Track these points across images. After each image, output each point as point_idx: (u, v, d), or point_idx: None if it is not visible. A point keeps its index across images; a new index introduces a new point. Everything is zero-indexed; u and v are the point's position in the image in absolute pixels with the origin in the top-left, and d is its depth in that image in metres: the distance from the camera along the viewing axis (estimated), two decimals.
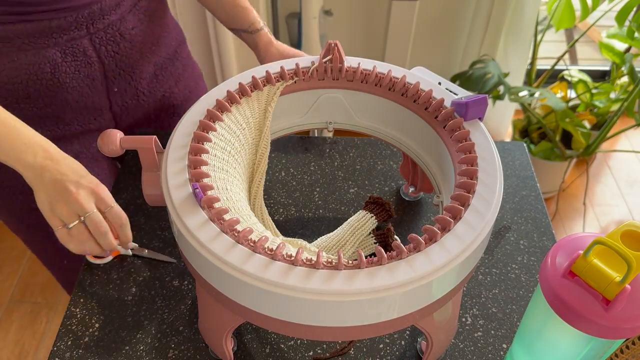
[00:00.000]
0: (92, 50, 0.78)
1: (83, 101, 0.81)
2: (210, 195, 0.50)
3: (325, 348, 0.64)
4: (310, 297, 0.44)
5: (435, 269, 0.45)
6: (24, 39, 0.72)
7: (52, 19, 0.72)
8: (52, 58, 0.75)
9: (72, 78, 0.78)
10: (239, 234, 0.47)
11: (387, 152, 0.87)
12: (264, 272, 0.44)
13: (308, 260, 0.46)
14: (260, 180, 0.64)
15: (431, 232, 0.48)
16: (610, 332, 0.43)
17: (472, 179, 0.52)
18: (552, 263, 0.46)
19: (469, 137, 0.56)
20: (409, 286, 0.44)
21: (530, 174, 0.84)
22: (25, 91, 0.75)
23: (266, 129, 0.63)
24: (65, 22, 0.73)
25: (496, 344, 0.64)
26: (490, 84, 1.61)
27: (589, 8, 1.59)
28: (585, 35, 1.80)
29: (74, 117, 0.81)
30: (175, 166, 0.53)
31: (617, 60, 1.73)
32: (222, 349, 0.58)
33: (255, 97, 0.63)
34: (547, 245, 0.74)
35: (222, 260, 0.46)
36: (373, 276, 0.44)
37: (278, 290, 0.44)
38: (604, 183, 2.01)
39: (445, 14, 1.83)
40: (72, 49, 0.76)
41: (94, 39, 0.77)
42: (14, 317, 1.61)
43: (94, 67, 0.79)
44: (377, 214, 0.72)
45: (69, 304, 0.68)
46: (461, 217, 0.49)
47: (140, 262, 0.72)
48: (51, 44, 0.74)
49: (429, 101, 0.60)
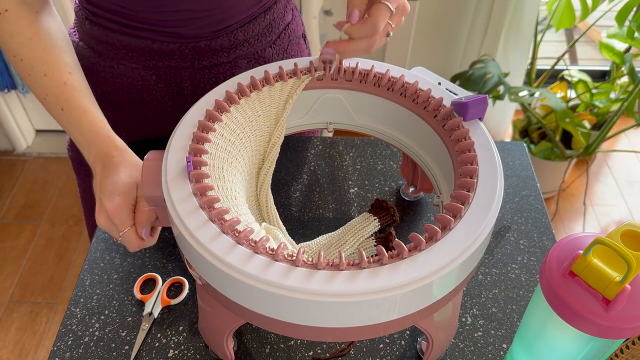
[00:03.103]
0: (188, 84, 0.77)
1: (170, 121, 0.81)
2: (211, 196, 0.50)
3: (325, 348, 0.64)
4: (311, 298, 0.44)
5: (436, 269, 0.45)
6: (127, 51, 0.74)
7: (154, 40, 0.73)
8: (145, 78, 0.76)
9: (159, 101, 0.79)
10: (240, 234, 0.47)
11: (387, 152, 0.87)
12: (266, 273, 0.44)
13: (309, 261, 0.46)
14: (269, 167, 0.64)
15: (432, 231, 0.48)
16: (610, 332, 0.43)
17: (472, 178, 0.52)
18: (552, 263, 0.46)
19: (468, 135, 0.56)
20: (409, 287, 0.44)
21: (530, 174, 0.84)
22: (115, 98, 0.77)
23: (283, 119, 0.64)
24: (168, 49, 0.73)
25: (496, 344, 0.64)
26: (490, 84, 1.61)
27: (589, 8, 1.59)
28: (585, 35, 1.80)
29: (159, 133, 0.82)
30: (175, 165, 0.53)
31: (617, 60, 1.73)
32: (222, 349, 0.58)
33: (279, 87, 0.63)
34: (547, 245, 0.74)
35: (222, 261, 0.46)
36: (374, 276, 0.44)
37: (279, 292, 0.44)
38: (604, 183, 2.01)
39: (445, 14, 1.83)
40: (168, 77, 0.76)
41: (196, 74, 0.77)
42: (14, 317, 1.61)
43: (186, 99, 0.79)
44: (380, 217, 0.72)
45: (69, 304, 0.68)
46: (461, 217, 0.49)
47: (140, 262, 0.72)
48: (150, 65, 0.75)
49: (428, 100, 0.60)
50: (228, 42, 0.75)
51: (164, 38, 0.73)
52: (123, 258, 0.72)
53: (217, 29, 0.74)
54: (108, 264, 0.71)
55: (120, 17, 0.71)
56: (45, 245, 1.80)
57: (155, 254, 0.73)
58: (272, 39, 0.80)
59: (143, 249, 0.73)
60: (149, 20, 0.71)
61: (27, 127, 2.09)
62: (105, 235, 0.74)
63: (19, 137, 2.06)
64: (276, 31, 0.80)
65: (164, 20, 0.71)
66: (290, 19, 0.83)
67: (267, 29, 0.79)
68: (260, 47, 0.79)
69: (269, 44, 0.80)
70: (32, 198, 1.94)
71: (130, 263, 0.72)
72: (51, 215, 1.89)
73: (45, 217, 1.88)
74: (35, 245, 1.80)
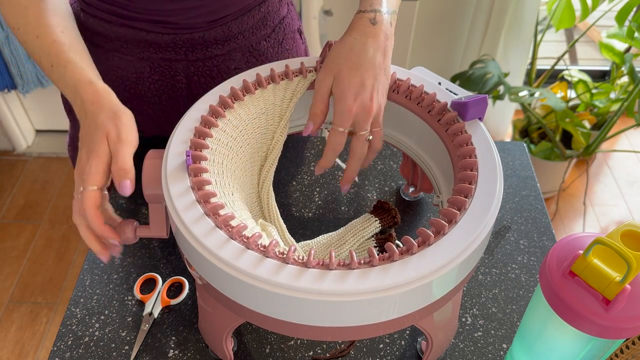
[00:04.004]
0: (183, 77, 0.78)
1: (164, 116, 0.82)
2: (208, 191, 0.50)
3: (325, 348, 0.64)
4: (301, 296, 0.44)
5: (436, 269, 0.45)
6: (122, 43, 0.74)
7: (149, 31, 0.73)
8: (139, 70, 0.76)
9: (153, 94, 0.79)
10: (233, 229, 0.47)
11: (387, 152, 0.87)
12: (257, 269, 0.44)
13: (321, 260, 0.46)
14: (272, 164, 0.64)
15: (438, 225, 0.48)
16: (610, 332, 0.43)
17: (471, 184, 0.52)
18: (552, 263, 0.46)
19: (470, 141, 0.56)
20: (409, 286, 0.44)
21: (530, 174, 0.84)
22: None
23: (286, 116, 0.64)
24: (162, 40, 0.73)
25: (496, 344, 0.64)
26: (490, 84, 1.61)
27: (589, 8, 1.59)
28: (585, 35, 1.80)
29: (154, 127, 0.83)
30: (176, 159, 0.53)
31: (617, 60, 1.73)
32: (222, 348, 0.58)
33: (284, 85, 0.63)
34: (547, 245, 0.74)
35: (216, 255, 0.46)
36: (384, 274, 0.44)
37: (270, 288, 0.44)
38: (603, 183, 2.01)
39: (445, 14, 1.82)
40: (162, 69, 0.76)
41: (190, 67, 0.77)
42: (14, 317, 1.61)
43: (180, 92, 0.79)
44: (382, 218, 0.72)
45: (69, 304, 0.68)
46: (461, 217, 0.49)
47: (140, 262, 0.72)
48: (144, 57, 0.75)
49: (433, 104, 0.60)
50: (222, 34, 0.75)
51: (159, 29, 0.73)
52: (123, 258, 0.72)
53: (212, 20, 0.74)
54: (108, 264, 0.71)
55: (116, 7, 0.71)
56: (45, 245, 1.80)
57: (155, 254, 0.73)
58: (267, 32, 0.80)
59: (142, 249, 0.73)
60: (143, 10, 0.71)
61: (27, 127, 2.09)
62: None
63: (19, 137, 2.06)
64: (271, 24, 0.80)
65: (159, 10, 0.71)
66: (285, 13, 0.83)
67: (262, 22, 0.79)
68: (254, 40, 0.79)
69: (263, 37, 0.80)
70: (32, 198, 1.94)
71: (130, 263, 0.72)
72: (51, 215, 1.89)
73: (45, 217, 1.88)
74: (35, 245, 1.80)
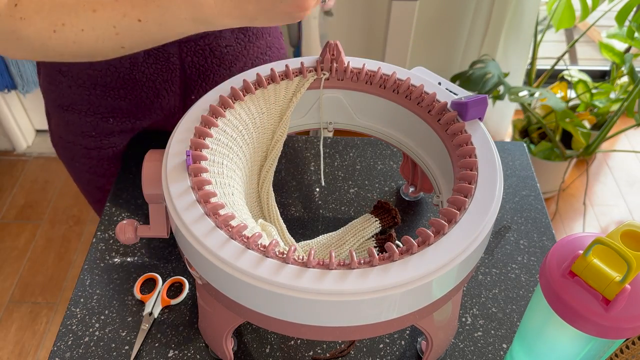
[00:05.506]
0: (176, 58, 0.78)
1: (158, 102, 0.82)
2: (208, 191, 0.50)
3: (325, 348, 0.64)
4: (301, 296, 0.44)
5: (436, 269, 0.45)
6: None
7: None
8: (133, 55, 0.76)
9: (148, 78, 0.79)
10: (233, 229, 0.47)
11: (387, 152, 0.87)
12: (257, 269, 0.44)
13: (322, 260, 0.46)
14: (272, 164, 0.64)
15: (437, 225, 0.48)
16: (610, 332, 0.43)
17: (471, 184, 0.52)
18: (552, 263, 0.46)
19: (470, 141, 0.56)
20: (409, 286, 0.44)
21: (530, 174, 0.84)
22: (103, 79, 0.77)
23: (287, 116, 0.64)
24: None
25: (496, 344, 0.64)
26: (490, 84, 1.61)
27: (589, 8, 1.59)
28: (585, 35, 1.80)
29: (148, 114, 0.83)
30: (176, 159, 0.53)
31: (617, 60, 1.73)
32: (222, 348, 0.58)
33: (284, 85, 0.63)
34: (547, 245, 0.74)
35: (216, 255, 0.46)
36: (384, 274, 0.44)
37: (270, 288, 0.44)
38: (603, 183, 2.01)
39: (445, 14, 1.83)
40: (156, 52, 0.77)
41: (183, 47, 0.77)
42: (14, 317, 1.61)
43: (174, 74, 0.79)
44: (382, 219, 0.72)
45: (69, 304, 0.68)
46: (461, 217, 0.49)
47: (140, 262, 0.72)
48: None
49: (433, 104, 0.60)
50: None
51: None
52: (123, 258, 0.72)
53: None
54: (108, 264, 0.71)
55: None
56: (45, 245, 1.80)
57: (155, 254, 0.73)
58: None
59: (142, 249, 0.73)
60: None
61: (27, 127, 2.09)
62: (106, 235, 0.74)
63: (19, 137, 2.06)
64: None
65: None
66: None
67: None
68: None
69: None
70: (32, 198, 1.94)
71: (130, 263, 0.72)
72: (51, 215, 1.89)
73: (45, 217, 1.88)
74: (35, 245, 1.80)
